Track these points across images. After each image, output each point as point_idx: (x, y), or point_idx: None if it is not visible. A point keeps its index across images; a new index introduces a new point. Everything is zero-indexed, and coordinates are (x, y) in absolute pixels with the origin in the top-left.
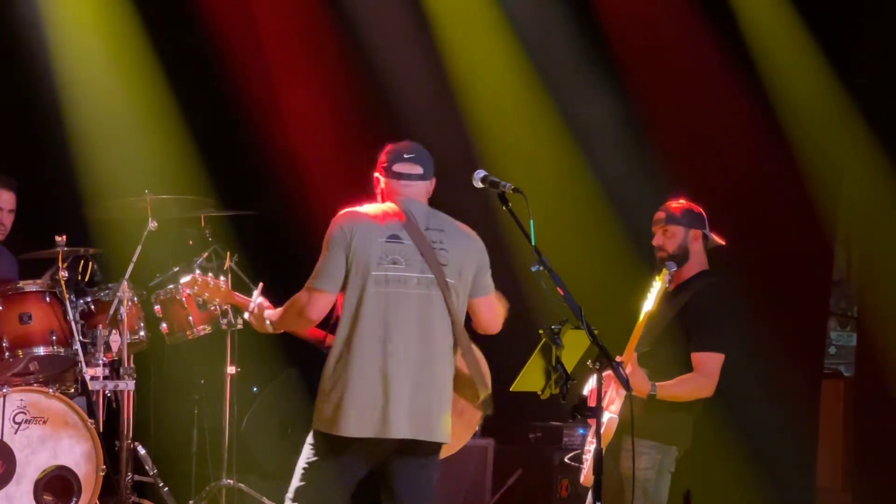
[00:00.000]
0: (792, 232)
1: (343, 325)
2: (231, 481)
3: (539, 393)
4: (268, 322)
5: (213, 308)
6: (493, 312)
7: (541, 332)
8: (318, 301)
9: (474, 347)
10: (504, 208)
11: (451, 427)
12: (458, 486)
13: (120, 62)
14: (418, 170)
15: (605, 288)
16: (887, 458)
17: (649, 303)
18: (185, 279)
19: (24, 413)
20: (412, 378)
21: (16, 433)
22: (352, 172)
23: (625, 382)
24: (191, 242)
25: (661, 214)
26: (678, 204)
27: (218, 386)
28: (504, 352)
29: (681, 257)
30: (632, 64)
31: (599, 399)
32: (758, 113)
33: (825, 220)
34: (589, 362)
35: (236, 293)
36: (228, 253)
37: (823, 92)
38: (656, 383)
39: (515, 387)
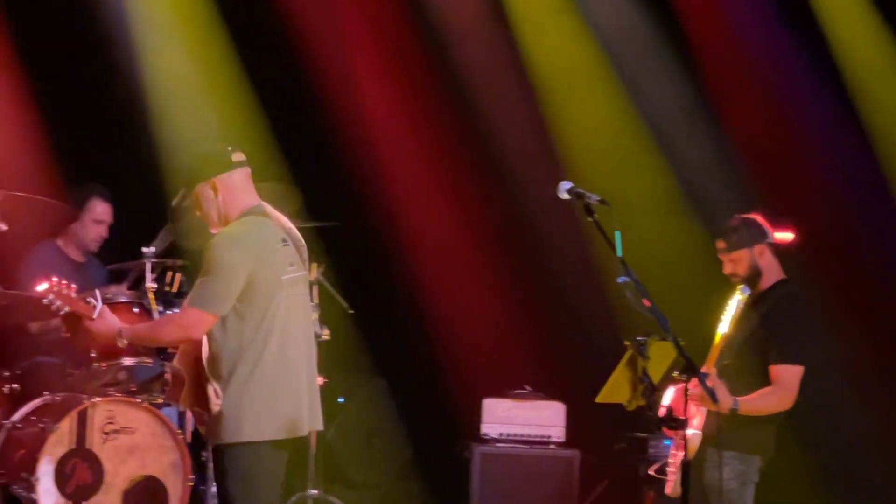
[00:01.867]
0: (881, 237)
1: (260, 335)
2: (317, 491)
3: (625, 404)
4: (121, 335)
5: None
6: None
7: (627, 343)
8: (207, 323)
9: None
10: (590, 219)
11: None
12: (544, 497)
13: (207, 73)
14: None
15: (689, 301)
16: None
17: (724, 325)
18: (40, 287)
19: (113, 423)
20: (312, 372)
21: (104, 443)
22: (432, 182)
23: (711, 394)
24: None
25: (721, 244)
26: (734, 226)
27: None
28: (588, 363)
29: (754, 277)
30: (717, 72)
31: (686, 411)
32: (842, 116)
33: None
34: (675, 374)
35: (80, 302)
36: (314, 264)
37: None
38: (738, 398)
39: (601, 398)
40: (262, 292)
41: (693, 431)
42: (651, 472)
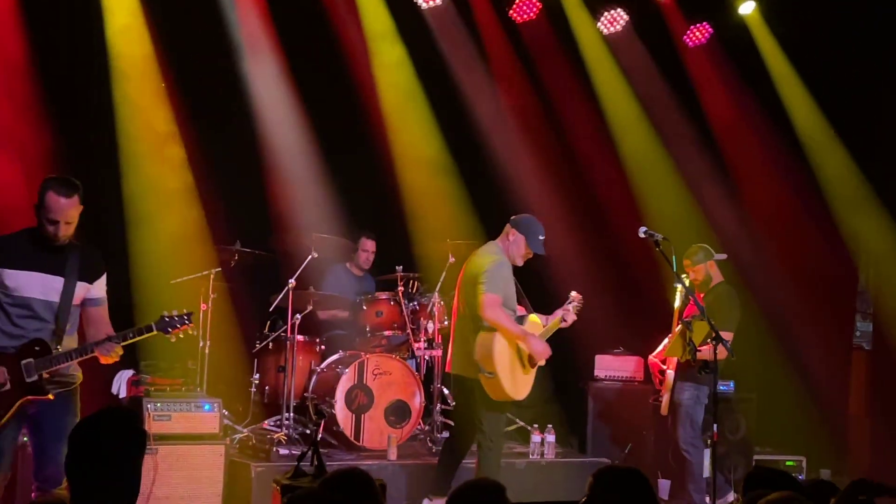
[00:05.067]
0: (834, 264)
1: None
2: None
3: (678, 358)
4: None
5: None
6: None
7: (681, 322)
8: None
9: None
10: (658, 249)
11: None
12: (630, 414)
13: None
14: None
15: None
16: (890, 394)
17: (678, 302)
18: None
19: (379, 369)
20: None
21: (374, 380)
22: (563, 224)
23: (731, 351)
24: None
25: (687, 262)
26: (695, 251)
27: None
28: (656, 333)
29: (706, 281)
30: (723, 141)
31: (716, 361)
32: (811, 193)
33: (854, 256)
34: (709, 340)
35: None
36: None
37: (848, 172)
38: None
39: (666, 353)
40: None
41: (670, 371)
42: (651, 400)
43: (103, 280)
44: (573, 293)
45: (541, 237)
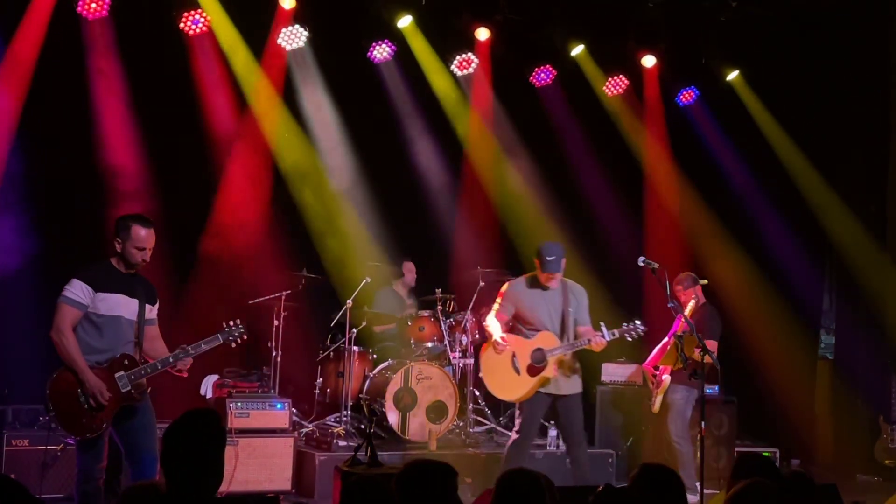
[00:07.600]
0: (805, 288)
1: None
2: None
3: (672, 366)
4: None
5: None
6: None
7: (674, 337)
8: None
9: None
10: (654, 274)
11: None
12: (631, 409)
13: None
14: None
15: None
16: (850, 397)
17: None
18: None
19: (421, 374)
20: None
21: (417, 384)
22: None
23: (716, 360)
24: None
25: (679, 287)
26: (683, 278)
27: None
28: (653, 345)
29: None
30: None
31: (703, 368)
32: (787, 224)
33: (819, 282)
34: (697, 351)
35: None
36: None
37: (829, 198)
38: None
39: (660, 363)
40: None
41: (666, 376)
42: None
43: (158, 304)
44: (631, 324)
45: (549, 258)
